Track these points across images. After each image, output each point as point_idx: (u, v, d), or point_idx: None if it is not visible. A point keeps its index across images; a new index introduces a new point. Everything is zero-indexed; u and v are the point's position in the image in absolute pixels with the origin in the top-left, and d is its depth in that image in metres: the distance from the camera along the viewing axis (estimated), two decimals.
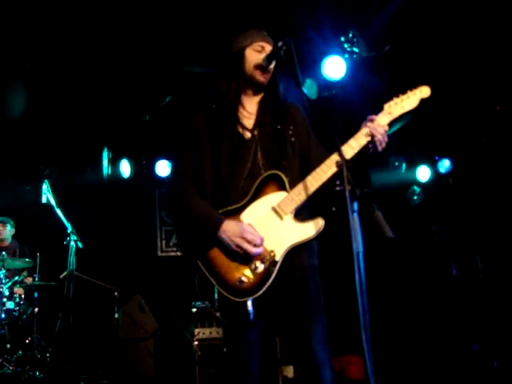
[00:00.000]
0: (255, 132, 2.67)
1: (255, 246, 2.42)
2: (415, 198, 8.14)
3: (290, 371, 5.84)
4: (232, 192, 2.56)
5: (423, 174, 7.98)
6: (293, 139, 2.69)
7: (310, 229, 2.48)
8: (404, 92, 2.67)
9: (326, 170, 2.52)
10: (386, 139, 2.56)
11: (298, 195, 2.51)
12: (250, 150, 2.62)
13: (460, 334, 6.76)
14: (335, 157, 2.50)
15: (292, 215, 2.51)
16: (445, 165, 7.82)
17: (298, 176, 2.63)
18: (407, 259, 7.32)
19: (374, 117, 2.60)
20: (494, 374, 6.10)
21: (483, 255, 6.95)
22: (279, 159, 2.62)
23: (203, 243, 2.49)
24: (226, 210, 2.53)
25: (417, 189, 8.13)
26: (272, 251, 2.44)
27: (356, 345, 2.17)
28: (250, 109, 2.75)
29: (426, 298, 7.16)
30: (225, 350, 2.60)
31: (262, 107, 2.77)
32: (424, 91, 2.66)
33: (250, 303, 2.36)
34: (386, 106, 2.64)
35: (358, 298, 2.02)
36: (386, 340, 6.09)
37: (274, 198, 2.53)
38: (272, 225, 2.49)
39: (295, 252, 2.49)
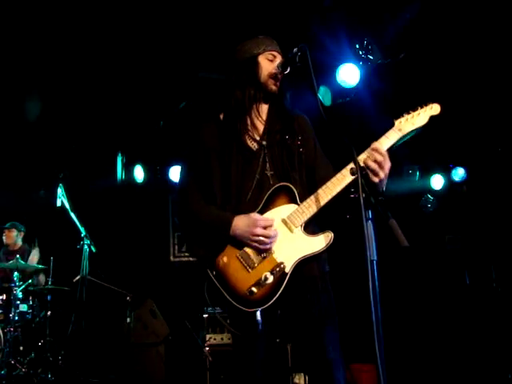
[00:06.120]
0: (263, 142, 2.66)
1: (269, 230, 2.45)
2: (429, 206, 8.10)
3: (300, 379, 5.81)
4: (241, 204, 2.56)
5: (437, 182, 7.93)
6: (301, 150, 2.68)
7: (319, 242, 2.48)
8: (414, 108, 2.64)
9: (337, 183, 2.50)
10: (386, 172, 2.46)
11: (308, 208, 2.51)
12: (258, 160, 2.62)
13: (471, 343, 6.69)
14: (345, 171, 2.48)
15: (302, 228, 2.51)
16: (459, 173, 7.78)
17: (306, 188, 2.63)
18: (420, 267, 7.27)
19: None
20: None
21: (497, 264, 6.89)
22: (288, 170, 2.62)
23: (216, 246, 2.50)
24: None
25: (430, 197, 8.09)
26: (282, 263, 2.45)
27: (368, 353, 2.16)
28: (259, 117, 2.74)
29: (438, 306, 7.10)
30: (233, 357, 2.62)
31: (270, 115, 2.77)
32: (434, 108, 2.63)
33: (258, 314, 2.38)
34: (397, 123, 2.60)
35: (371, 306, 2.01)
36: (399, 348, 6.04)
37: (283, 210, 2.54)
38: (282, 237, 2.50)
39: (305, 263, 2.49)
